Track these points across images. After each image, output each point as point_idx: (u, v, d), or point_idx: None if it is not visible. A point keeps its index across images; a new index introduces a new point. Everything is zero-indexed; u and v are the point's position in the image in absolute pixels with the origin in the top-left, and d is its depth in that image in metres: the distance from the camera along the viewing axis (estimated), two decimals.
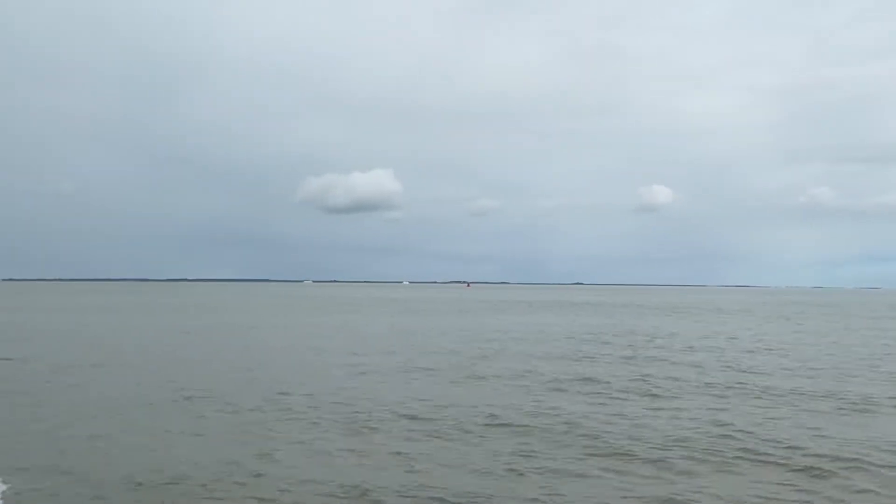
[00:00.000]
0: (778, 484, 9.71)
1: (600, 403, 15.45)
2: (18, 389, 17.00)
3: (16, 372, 20.15)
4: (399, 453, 11.23)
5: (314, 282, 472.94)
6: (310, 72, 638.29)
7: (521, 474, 10.13)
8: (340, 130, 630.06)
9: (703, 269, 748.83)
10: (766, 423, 13.34)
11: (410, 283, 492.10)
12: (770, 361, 23.43)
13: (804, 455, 11.10)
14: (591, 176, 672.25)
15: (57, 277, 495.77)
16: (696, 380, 19.03)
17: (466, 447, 11.65)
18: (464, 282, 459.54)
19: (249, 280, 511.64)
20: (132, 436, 12.31)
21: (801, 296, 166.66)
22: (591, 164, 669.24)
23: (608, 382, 18.41)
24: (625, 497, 9.19)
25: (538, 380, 18.93)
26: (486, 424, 13.24)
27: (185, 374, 19.61)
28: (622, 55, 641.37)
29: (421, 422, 13.66)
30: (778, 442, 11.89)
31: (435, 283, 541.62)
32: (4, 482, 9.65)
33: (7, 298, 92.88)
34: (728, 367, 21.96)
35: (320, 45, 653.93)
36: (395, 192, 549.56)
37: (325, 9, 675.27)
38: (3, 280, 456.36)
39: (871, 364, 22.88)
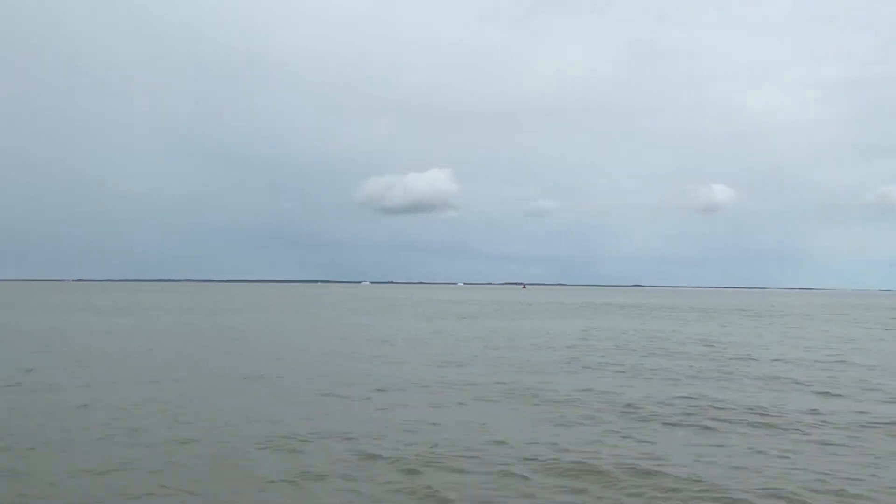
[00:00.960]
0: None
1: None
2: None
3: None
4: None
5: (371, 283, 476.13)
6: (368, 74, 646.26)
7: None
8: (398, 132, 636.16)
9: (765, 270, 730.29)
10: None
11: (465, 284, 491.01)
12: None
13: None
14: (650, 175, 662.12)
15: (123, 278, 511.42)
16: None
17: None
18: (520, 283, 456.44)
19: (308, 281, 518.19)
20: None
21: (881, 299, 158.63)
22: (651, 164, 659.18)
23: None
24: None
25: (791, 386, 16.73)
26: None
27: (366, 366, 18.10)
28: (683, 53, 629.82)
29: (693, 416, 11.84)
30: None
31: (490, 284, 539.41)
32: None
33: (79, 297, 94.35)
34: None
35: (378, 46, 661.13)
36: (452, 193, 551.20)
37: (383, 11, 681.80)
38: (74, 280, 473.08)
39: None
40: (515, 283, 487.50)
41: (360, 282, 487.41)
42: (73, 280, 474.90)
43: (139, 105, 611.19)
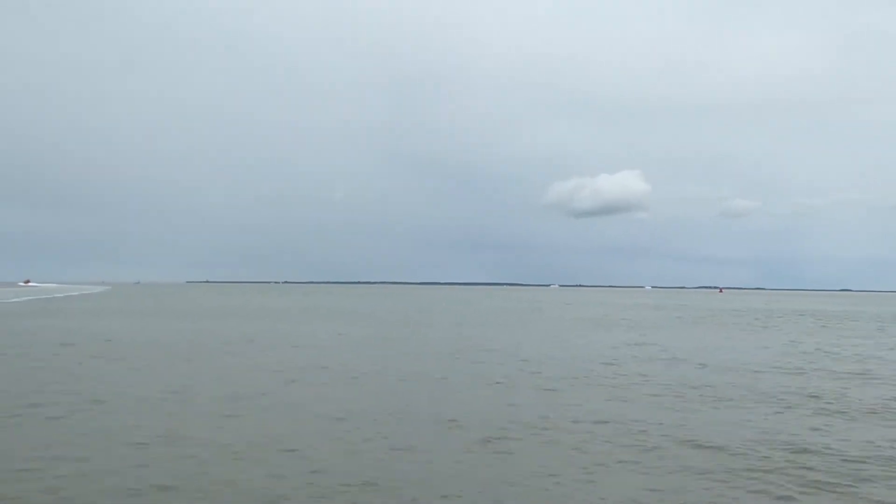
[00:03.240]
0: None
1: None
2: None
3: None
4: None
5: (560, 286, 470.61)
6: (557, 74, 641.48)
7: None
8: (588, 132, 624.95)
9: None
10: None
11: (652, 287, 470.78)
12: None
13: None
14: (862, 170, 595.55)
15: (324, 280, 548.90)
16: None
17: None
18: (715, 287, 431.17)
19: (498, 284, 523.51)
20: None
21: None
22: (862, 158, 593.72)
23: None
24: None
25: None
26: None
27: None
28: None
29: None
30: None
31: (683, 287, 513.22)
32: None
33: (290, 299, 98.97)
34: None
35: (566, 46, 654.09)
36: (642, 193, 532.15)
37: (569, 11, 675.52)
38: (282, 282, 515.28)
39: None
40: (710, 287, 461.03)
41: (549, 285, 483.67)
42: (281, 282, 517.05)
43: (336, 112, 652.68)
